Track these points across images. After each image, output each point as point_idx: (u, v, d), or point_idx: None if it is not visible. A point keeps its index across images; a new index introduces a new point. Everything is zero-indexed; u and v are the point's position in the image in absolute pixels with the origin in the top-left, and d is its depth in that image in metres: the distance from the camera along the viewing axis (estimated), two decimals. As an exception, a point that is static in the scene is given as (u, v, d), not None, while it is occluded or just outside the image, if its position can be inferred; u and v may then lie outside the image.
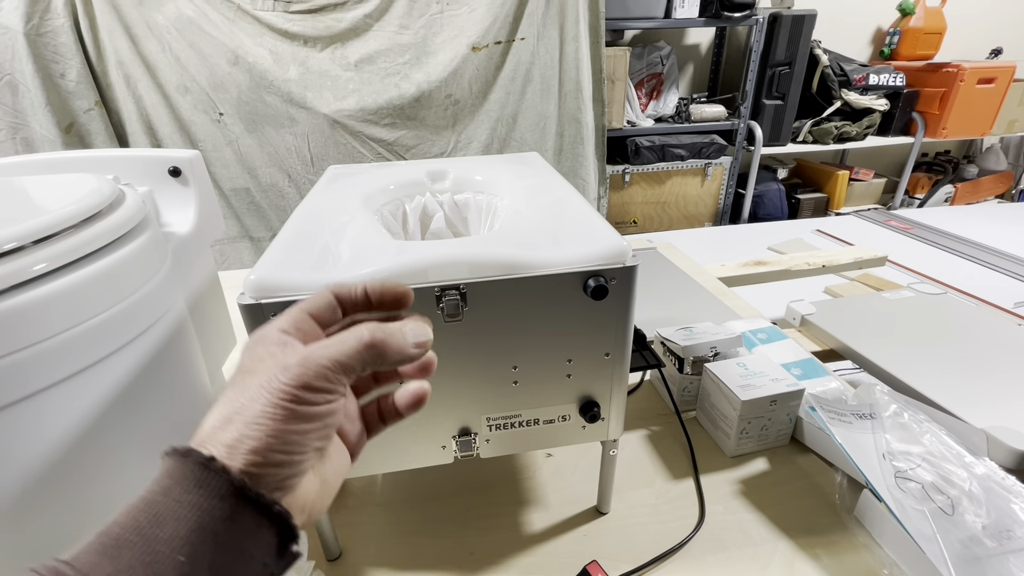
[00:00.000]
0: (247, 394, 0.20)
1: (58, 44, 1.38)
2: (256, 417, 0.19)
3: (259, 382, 0.20)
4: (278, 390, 0.20)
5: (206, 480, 0.18)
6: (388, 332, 0.22)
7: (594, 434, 0.42)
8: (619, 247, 0.36)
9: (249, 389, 0.20)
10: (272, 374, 0.20)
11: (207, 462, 0.18)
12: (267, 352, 0.21)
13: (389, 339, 0.22)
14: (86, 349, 0.36)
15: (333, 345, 0.21)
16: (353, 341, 0.21)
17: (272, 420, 0.19)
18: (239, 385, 0.21)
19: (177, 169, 0.56)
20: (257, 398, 0.20)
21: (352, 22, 1.54)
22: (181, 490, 0.18)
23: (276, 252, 0.37)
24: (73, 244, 0.36)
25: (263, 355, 0.21)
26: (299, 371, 0.20)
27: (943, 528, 0.41)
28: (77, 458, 0.36)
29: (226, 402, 0.20)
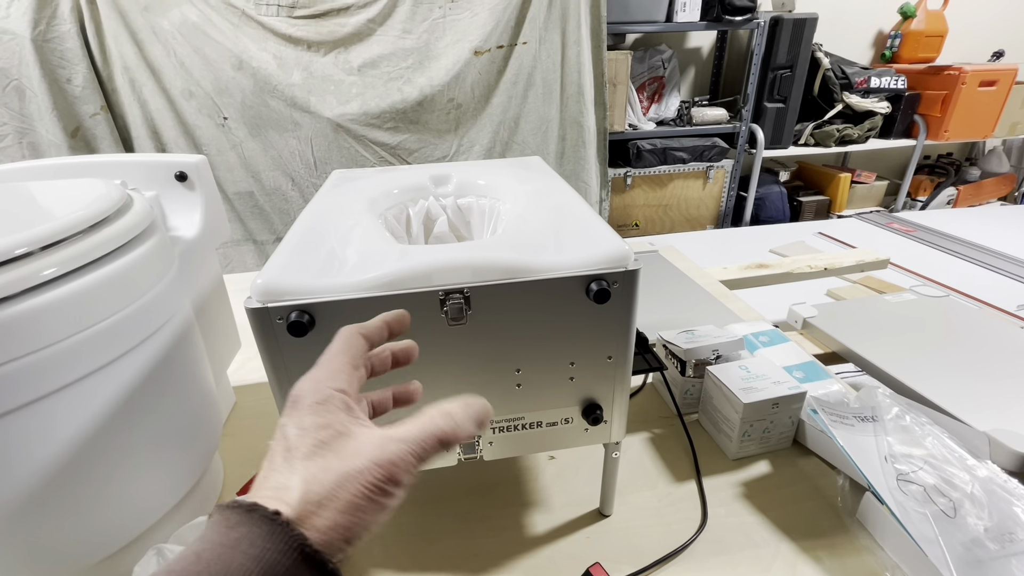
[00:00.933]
0: (332, 477, 0.21)
1: (64, 49, 1.39)
2: (348, 507, 0.21)
3: (347, 469, 0.21)
4: (371, 484, 0.21)
5: (272, 534, 0.19)
6: (458, 424, 0.24)
7: (596, 436, 0.43)
8: (621, 251, 0.36)
9: (334, 471, 0.21)
10: (363, 467, 0.21)
11: (273, 517, 0.19)
12: (340, 425, 0.23)
13: (459, 431, 0.24)
14: (95, 353, 0.36)
15: (412, 439, 0.22)
16: (431, 438, 0.23)
17: (362, 511, 0.21)
18: (317, 457, 0.21)
19: (183, 174, 0.57)
20: (347, 486, 0.21)
21: (355, 27, 1.55)
22: (247, 543, 0.19)
23: (282, 256, 0.37)
24: (82, 249, 0.36)
25: (337, 427, 0.22)
26: (390, 469, 0.21)
27: (945, 531, 0.41)
28: (86, 460, 0.37)
29: (307, 475, 0.21)
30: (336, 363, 0.25)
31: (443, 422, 0.23)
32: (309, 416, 0.23)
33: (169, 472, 0.44)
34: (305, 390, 0.24)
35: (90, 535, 0.39)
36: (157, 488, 0.43)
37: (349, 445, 0.22)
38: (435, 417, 0.23)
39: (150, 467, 0.42)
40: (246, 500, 0.20)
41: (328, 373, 0.25)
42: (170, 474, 0.44)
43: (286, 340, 0.34)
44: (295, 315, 0.33)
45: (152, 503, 0.42)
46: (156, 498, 0.43)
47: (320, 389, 0.24)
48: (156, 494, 0.43)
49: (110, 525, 0.39)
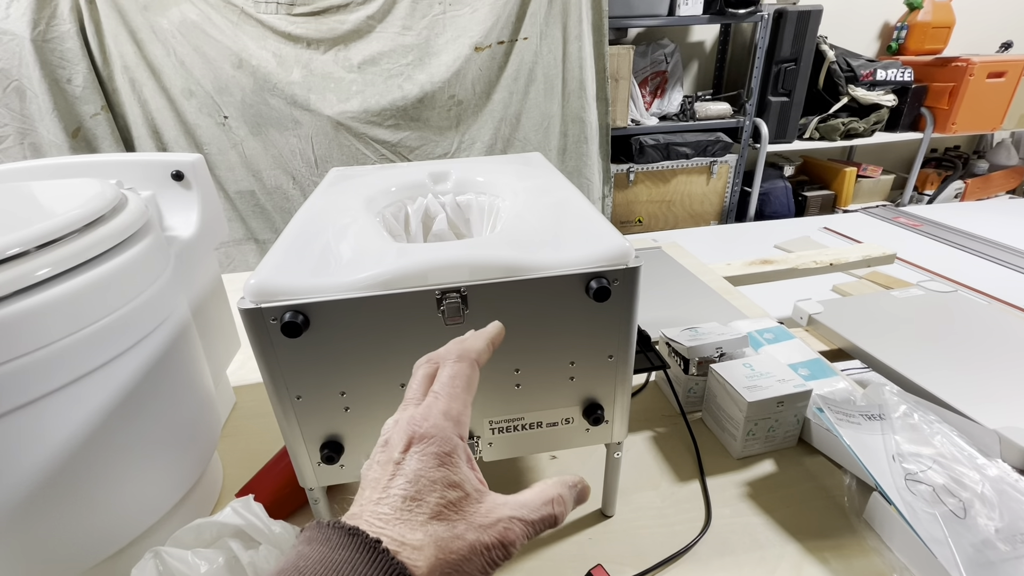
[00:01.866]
0: (464, 546, 0.20)
1: (64, 50, 1.39)
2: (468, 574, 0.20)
3: (476, 543, 0.20)
4: (493, 560, 0.21)
5: (376, 561, 0.19)
6: (566, 510, 0.24)
7: (598, 437, 0.42)
8: (622, 248, 0.36)
9: (467, 542, 0.20)
10: (492, 543, 0.21)
11: (375, 544, 0.19)
12: (470, 486, 0.22)
13: (562, 517, 0.24)
14: (89, 354, 0.36)
15: (532, 522, 0.22)
16: (546, 522, 0.23)
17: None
18: (447, 520, 0.21)
19: (180, 173, 0.56)
20: (474, 560, 0.20)
21: (355, 24, 1.54)
22: (349, 568, 0.18)
23: (277, 256, 0.37)
24: (76, 249, 0.36)
25: (466, 488, 0.22)
26: (509, 549, 0.21)
27: (955, 532, 0.40)
28: (81, 462, 0.36)
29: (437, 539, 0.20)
30: (460, 403, 0.24)
31: (557, 508, 0.23)
32: (437, 469, 0.21)
33: (166, 474, 0.43)
34: (430, 431, 0.22)
35: (86, 538, 0.38)
36: (154, 490, 0.42)
37: (480, 515, 0.21)
38: (553, 502, 0.23)
39: (147, 469, 0.41)
40: (347, 524, 0.20)
41: (453, 414, 0.23)
42: (167, 476, 0.43)
43: (280, 341, 0.33)
44: (289, 315, 0.32)
45: (149, 505, 0.42)
46: (153, 500, 0.42)
47: (447, 435, 0.22)
48: (153, 496, 0.42)
49: (106, 528, 0.39)
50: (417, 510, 0.20)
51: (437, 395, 0.24)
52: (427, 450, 0.22)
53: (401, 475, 0.21)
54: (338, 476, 0.39)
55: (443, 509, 0.21)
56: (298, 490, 0.43)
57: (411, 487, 0.21)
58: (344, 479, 0.40)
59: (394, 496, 0.21)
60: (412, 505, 0.20)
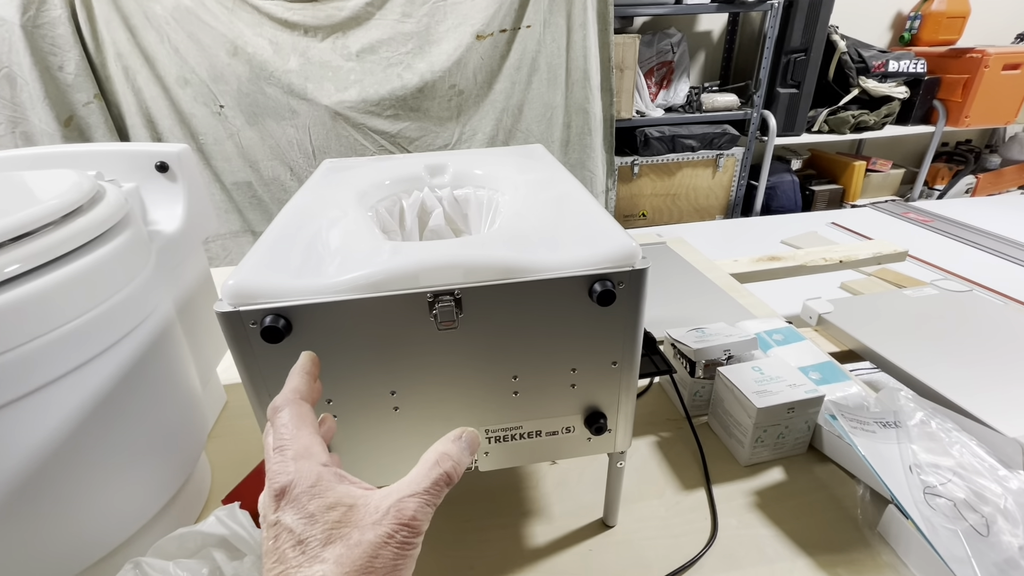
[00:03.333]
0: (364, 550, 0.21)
1: (56, 36, 1.36)
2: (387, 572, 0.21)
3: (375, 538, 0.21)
4: (401, 544, 0.22)
5: None
6: (457, 461, 0.25)
7: (600, 446, 0.40)
8: (628, 248, 0.33)
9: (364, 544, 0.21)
10: (391, 530, 0.22)
11: None
12: (348, 498, 0.22)
13: (459, 467, 0.25)
14: (61, 357, 0.34)
15: (425, 490, 0.23)
16: (440, 483, 0.24)
17: (400, 570, 0.22)
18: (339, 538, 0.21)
19: (164, 164, 0.54)
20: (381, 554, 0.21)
21: (353, 11, 1.51)
22: None
23: (258, 254, 0.34)
24: (48, 243, 0.34)
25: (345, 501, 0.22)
26: (412, 524, 0.22)
27: (977, 550, 0.38)
28: (53, 471, 0.34)
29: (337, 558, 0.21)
30: (303, 439, 0.24)
31: (445, 465, 0.24)
32: (310, 502, 0.22)
33: (147, 481, 0.41)
34: (291, 478, 0.23)
35: (60, 550, 0.36)
36: (134, 499, 0.40)
37: (367, 514, 0.22)
38: (438, 463, 0.25)
39: (126, 477, 0.39)
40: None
41: (301, 452, 0.24)
42: (148, 483, 0.42)
43: (261, 347, 0.31)
44: (270, 319, 0.30)
45: (129, 515, 0.40)
46: (133, 509, 0.40)
47: (306, 472, 0.23)
48: (133, 505, 0.40)
49: (83, 539, 0.37)
50: (308, 549, 0.21)
51: (280, 448, 0.24)
52: (291, 496, 0.22)
53: (282, 530, 0.22)
54: (325, 487, 0.37)
55: (331, 532, 0.21)
56: (285, 498, 0.41)
57: (295, 535, 0.21)
58: (332, 490, 0.38)
59: (284, 552, 0.21)
60: (301, 548, 0.21)
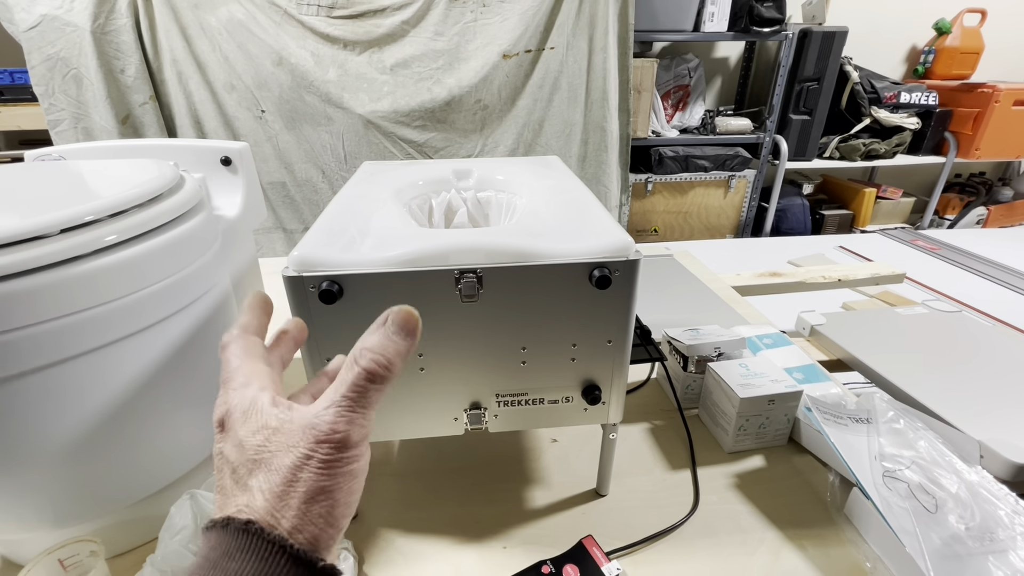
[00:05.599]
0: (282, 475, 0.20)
1: (120, 42, 1.48)
2: (313, 494, 0.20)
3: (291, 461, 0.20)
4: (322, 461, 0.20)
5: (250, 545, 0.19)
6: (380, 351, 0.22)
7: (595, 416, 0.46)
8: (624, 242, 0.40)
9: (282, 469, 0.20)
10: (306, 451, 0.20)
11: (245, 526, 0.19)
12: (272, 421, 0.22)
13: (385, 356, 0.22)
14: (147, 311, 0.40)
15: (340, 397, 0.21)
16: (359, 382, 0.22)
17: (329, 491, 0.20)
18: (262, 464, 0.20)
19: (228, 159, 0.62)
20: (300, 476, 0.20)
21: (390, 28, 1.61)
22: (228, 559, 0.19)
23: (316, 233, 0.42)
24: (140, 220, 0.41)
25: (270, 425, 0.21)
26: (332, 437, 0.21)
27: (924, 525, 0.42)
28: (135, 407, 0.41)
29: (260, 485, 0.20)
30: (246, 369, 0.24)
31: (364, 361, 0.22)
32: (241, 428, 0.22)
33: (205, 426, 0.48)
34: (228, 407, 0.23)
35: (135, 475, 0.43)
36: (194, 439, 0.47)
37: (288, 436, 0.21)
38: (356, 359, 0.22)
39: (189, 419, 0.46)
40: (219, 517, 0.20)
41: (243, 382, 0.23)
42: (206, 427, 0.48)
43: (317, 307, 0.38)
44: (326, 284, 0.37)
45: (189, 452, 0.47)
46: (193, 448, 0.47)
47: (239, 399, 0.23)
48: (193, 444, 0.47)
49: (153, 467, 0.44)
50: (239, 479, 0.21)
51: (224, 380, 0.24)
52: (228, 422, 0.22)
53: (223, 461, 0.22)
54: (358, 435, 0.44)
55: (255, 458, 0.21)
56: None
57: (231, 464, 0.21)
58: (363, 438, 0.44)
59: (224, 483, 0.21)
60: (235, 477, 0.21)
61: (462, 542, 0.47)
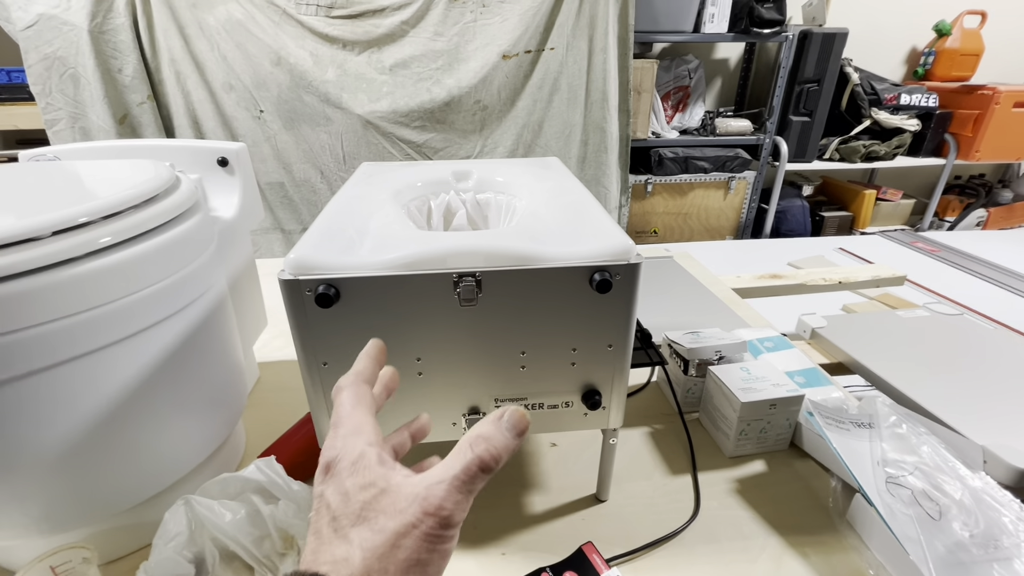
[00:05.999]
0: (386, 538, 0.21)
1: (118, 41, 1.48)
2: (410, 564, 0.21)
3: (398, 527, 0.21)
4: (426, 535, 0.21)
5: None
6: (495, 444, 0.23)
7: (595, 421, 0.45)
8: (625, 245, 0.39)
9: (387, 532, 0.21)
10: (414, 520, 0.21)
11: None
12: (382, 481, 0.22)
13: (499, 451, 0.23)
14: (142, 314, 0.40)
15: (454, 477, 0.22)
16: (473, 468, 0.22)
17: (424, 564, 0.21)
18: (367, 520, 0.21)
19: (225, 159, 0.61)
20: (403, 544, 0.21)
21: (389, 28, 1.61)
22: None
23: (314, 236, 0.41)
24: (135, 222, 0.40)
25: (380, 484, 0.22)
26: (441, 514, 0.21)
27: (928, 532, 0.42)
28: (129, 411, 0.40)
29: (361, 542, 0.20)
30: (356, 418, 0.25)
31: (479, 449, 0.23)
32: (348, 479, 0.22)
33: (200, 430, 0.48)
34: (336, 453, 0.23)
35: (128, 481, 0.43)
36: (189, 444, 0.47)
37: (395, 501, 0.21)
38: (471, 446, 0.23)
39: (183, 423, 0.46)
40: (307, 571, 0.20)
41: (353, 430, 0.24)
42: (200, 432, 0.48)
43: (314, 311, 0.37)
44: (323, 288, 0.36)
45: (184, 457, 0.46)
46: (187, 453, 0.46)
47: (351, 448, 0.23)
48: (187, 449, 0.46)
49: (146, 473, 0.43)
50: (339, 528, 0.21)
51: (335, 424, 0.25)
52: (333, 471, 0.23)
53: (323, 505, 0.22)
54: (355, 440, 0.43)
55: (363, 513, 0.21)
56: (315, 456, 0.47)
57: (331, 511, 0.22)
58: (360, 443, 0.44)
59: (320, 527, 0.22)
60: (334, 525, 0.21)
61: (460, 548, 0.47)
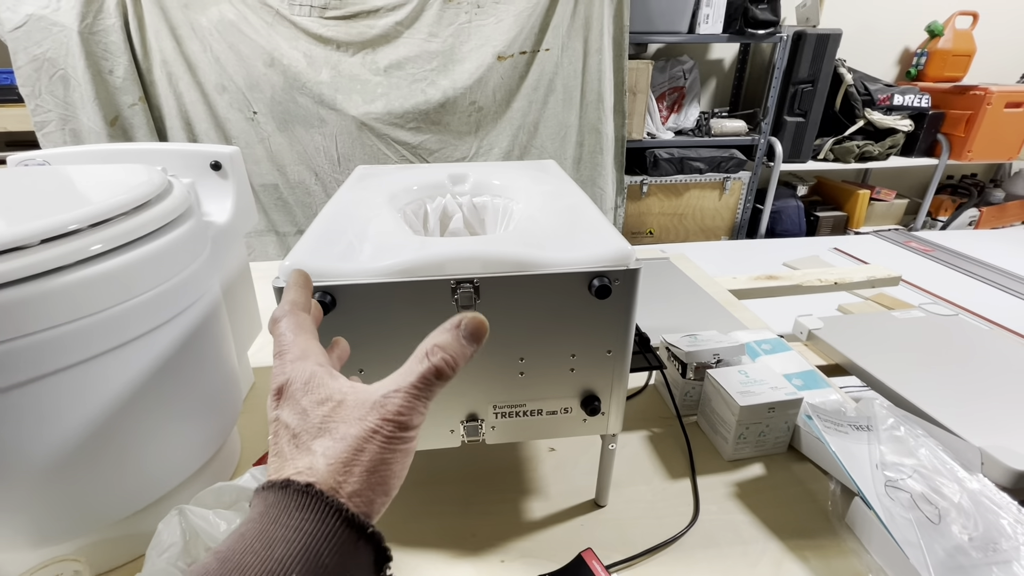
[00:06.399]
0: (349, 443, 0.21)
1: (108, 42, 1.46)
2: (373, 466, 0.21)
3: (360, 432, 0.22)
4: (387, 438, 0.22)
5: (309, 504, 0.20)
6: (450, 351, 0.23)
7: (594, 427, 0.45)
8: (624, 251, 0.39)
9: (349, 437, 0.22)
10: (374, 425, 0.22)
11: (306, 488, 0.20)
12: (338, 394, 0.23)
13: (454, 357, 0.23)
14: (134, 323, 0.39)
15: (411, 384, 0.23)
16: (429, 375, 0.23)
17: (387, 464, 0.22)
18: (328, 431, 0.22)
19: (218, 163, 0.60)
20: (365, 448, 0.21)
21: (383, 29, 1.60)
22: (287, 516, 0.20)
23: (308, 242, 0.40)
24: (126, 228, 0.39)
25: (335, 397, 0.23)
26: (398, 419, 0.22)
27: (928, 536, 0.42)
28: (120, 421, 0.40)
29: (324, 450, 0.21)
30: (301, 343, 0.25)
31: (434, 358, 0.23)
32: (304, 398, 0.23)
33: (194, 438, 0.47)
34: (287, 377, 0.24)
35: (120, 492, 0.42)
36: (182, 452, 0.46)
37: (353, 410, 0.22)
38: (427, 355, 0.23)
39: (178, 432, 0.45)
40: (277, 478, 0.21)
41: (299, 354, 0.25)
42: (194, 440, 0.47)
43: (309, 318, 0.37)
44: (318, 295, 0.36)
45: (177, 466, 0.45)
46: (181, 462, 0.46)
47: (301, 370, 0.24)
48: (181, 458, 0.46)
49: (139, 483, 0.43)
50: (301, 443, 0.22)
51: (279, 352, 0.25)
52: (287, 394, 0.23)
53: (281, 427, 0.23)
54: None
55: (321, 426, 0.22)
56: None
57: (290, 430, 0.22)
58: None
59: (281, 447, 0.22)
60: (295, 441, 0.22)
61: (458, 556, 0.46)
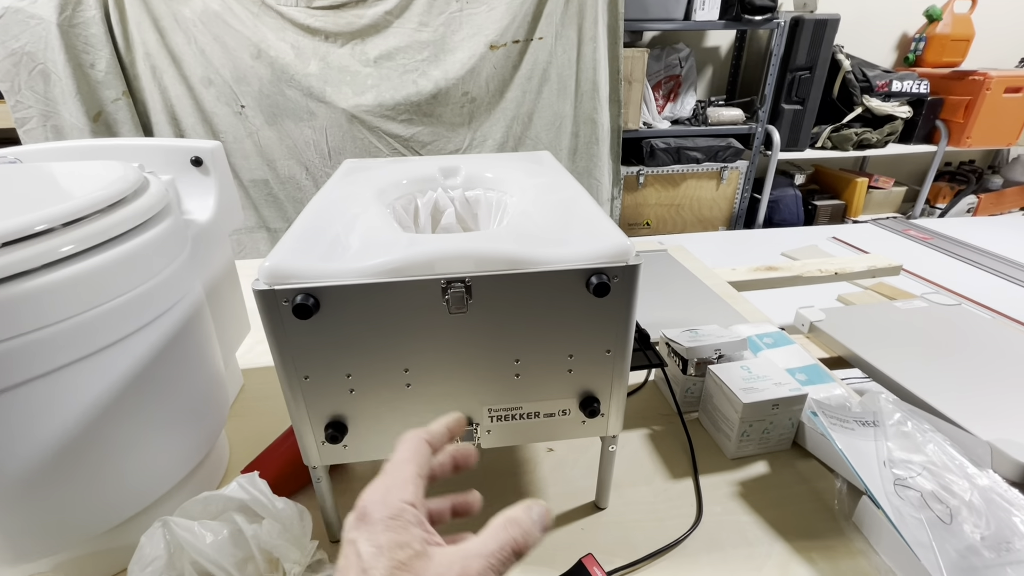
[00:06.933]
0: None
1: (89, 35, 1.42)
2: None
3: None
4: None
5: None
6: (527, 531, 0.23)
7: (593, 429, 0.43)
8: (623, 246, 0.37)
9: None
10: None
11: None
12: (418, 544, 0.22)
13: (529, 538, 0.23)
14: (109, 328, 0.37)
15: (491, 554, 0.22)
16: (507, 549, 0.23)
17: None
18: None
19: (199, 159, 0.58)
20: None
21: (373, 19, 1.56)
22: None
23: (290, 241, 0.38)
24: (99, 228, 0.37)
25: (415, 546, 0.22)
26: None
27: (940, 537, 0.41)
28: (97, 432, 0.38)
29: None
30: (404, 472, 0.25)
31: (515, 532, 0.23)
32: (383, 533, 0.22)
33: (177, 447, 0.45)
34: (374, 502, 0.23)
35: (99, 505, 0.40)
36: (165, 462, 0.44)
37: (430, 567, 0.21)
38: (506, 527, 0.23)
39: (159, 441, 0.43)
40: None
41: (397, 483, 0.24)
42: (178, 449, 0.45)
43: (292, 322, 0.35)
44: (300, 298, 0.34)
45: (160, 476, 0.44)
46: (164, 472, 0.44)
47: (391, 502, 0.23)
48: (164, 468, 0.44)
49: (118, 496, 0.41)
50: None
51: (382, 473, 0.25)
52: (369, 520, 0.23)
53: (352, 552, 0.22)
54: (341, 456, 0.41)
55: (394, 571, 0.21)
56: (301, 470, 0.45)
57: (362, 562, 0.21)
58: (347, 459, 0.41)
59: (346, 574, 0.22)
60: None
61: (455, 564, 0.45)
